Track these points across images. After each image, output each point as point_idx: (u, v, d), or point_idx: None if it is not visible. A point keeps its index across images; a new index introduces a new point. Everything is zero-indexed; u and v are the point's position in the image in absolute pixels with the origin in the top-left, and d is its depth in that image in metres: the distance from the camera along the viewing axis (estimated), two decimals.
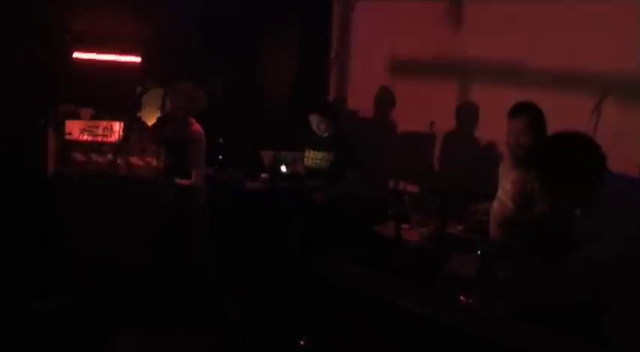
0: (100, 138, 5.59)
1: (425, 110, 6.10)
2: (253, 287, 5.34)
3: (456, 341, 2.89)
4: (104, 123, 5.64)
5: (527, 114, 4.00)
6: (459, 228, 4.28)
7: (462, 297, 3.10)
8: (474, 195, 4.56)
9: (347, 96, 6.99)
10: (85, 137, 5.61)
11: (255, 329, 4.89)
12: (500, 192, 3.91)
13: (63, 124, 5.63)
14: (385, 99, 6.64)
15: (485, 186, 4.46)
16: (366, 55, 6.75)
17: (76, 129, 5.61)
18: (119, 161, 5.40)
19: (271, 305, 5.03)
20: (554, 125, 3.64)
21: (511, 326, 2.92)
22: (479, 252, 3.43)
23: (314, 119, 5.64)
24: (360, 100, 6.83)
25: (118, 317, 4.88)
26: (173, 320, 4.90)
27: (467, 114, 5.85)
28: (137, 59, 6.61)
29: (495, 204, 3.89)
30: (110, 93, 6.01)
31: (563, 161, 3.16)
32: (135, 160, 5.48)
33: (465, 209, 4.49)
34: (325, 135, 5.67)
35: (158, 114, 5.68)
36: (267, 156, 5.79)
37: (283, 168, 5.65)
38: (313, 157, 5.70)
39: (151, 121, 5.84)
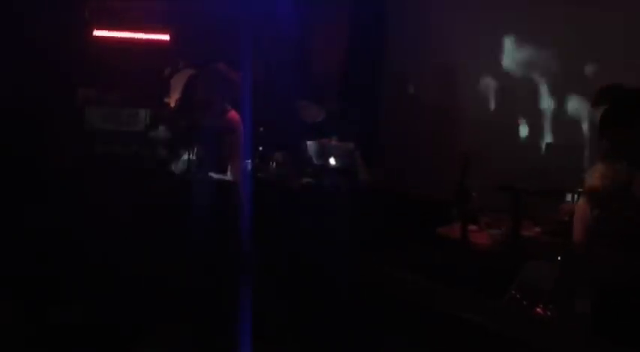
0: (124, 127, 5.71)
1: (496, 97, 6.07)
2: (297, 294, 5.32)
3: None
4: (128, 111, 5.75)
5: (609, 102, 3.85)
6: (536, 230, 4.29)
7: (538, 310, 3.19)
8: (555, 192, 4.47)
9: (405, 85, 6.98)
10: (108, 125, 5.70)
11: (299, 344, 4.86)
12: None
13: (82, 111, 5.71)
14: (449, 86, 6.59)
15: (568, 182, 4.40)
16: (427, 39, 6.74)
17: (97, 117, 5.70)
18: (145, 152, 5.51)
19: (317, 317, 4.97)
20: None
21: (596, 344, 2.90)
22: (559, 259, 3.48)
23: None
24: (422, 88, 6.82)
25: (144, 327, 4.85)
26: (204, 331, 4.88)
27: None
28: (166, 37, 6.68)
29: (580, 202, 3.84)
30: (135, 76, 6.09)
31: None
32: (163, 151, 5.55)
33: (543, 208, 4.45)
34: None
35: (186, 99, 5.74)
36: (313, 147, 5.77)
37: (332, 161, 5.59)
38: None
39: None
